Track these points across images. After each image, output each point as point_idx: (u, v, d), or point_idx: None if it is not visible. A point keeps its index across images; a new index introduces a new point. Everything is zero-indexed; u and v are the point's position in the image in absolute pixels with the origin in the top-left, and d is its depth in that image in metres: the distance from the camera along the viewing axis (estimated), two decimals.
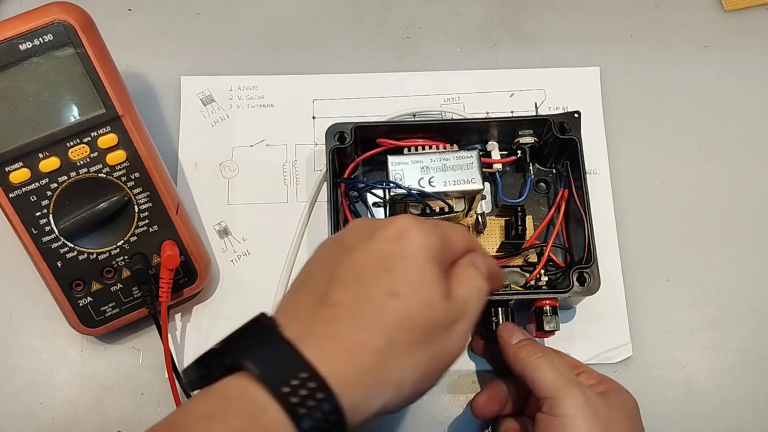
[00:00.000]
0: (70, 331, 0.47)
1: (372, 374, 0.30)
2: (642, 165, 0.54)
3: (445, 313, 0.32)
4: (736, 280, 0.51)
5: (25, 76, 0.43)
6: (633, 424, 0.39)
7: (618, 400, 0.40)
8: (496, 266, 0.38)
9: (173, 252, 0.45)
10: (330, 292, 0.32)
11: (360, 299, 0.31)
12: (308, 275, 0.34)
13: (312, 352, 0.29)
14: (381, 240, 0.33)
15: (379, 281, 0.32)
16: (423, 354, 0.32)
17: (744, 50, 0.57)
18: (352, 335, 0.30)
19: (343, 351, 0.30)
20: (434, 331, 0.32)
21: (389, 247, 0.33)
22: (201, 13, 0.58)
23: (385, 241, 0.33)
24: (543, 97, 0.55)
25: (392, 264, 0.32)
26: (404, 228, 0.33)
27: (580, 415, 0.37)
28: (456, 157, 0.46)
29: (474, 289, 0.35)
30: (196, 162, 0.53)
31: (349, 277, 0.32)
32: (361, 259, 0.33)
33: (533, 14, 0.58)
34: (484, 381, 0.48)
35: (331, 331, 0.31)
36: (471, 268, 0.35)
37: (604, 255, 0.50)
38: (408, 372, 0.31)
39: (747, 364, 0.49)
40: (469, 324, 0.34)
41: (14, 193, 0.44)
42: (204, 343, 0.49)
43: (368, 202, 0.50)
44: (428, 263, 0.32)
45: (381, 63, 0.57)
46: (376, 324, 0.31)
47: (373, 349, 0.30)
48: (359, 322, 0.31)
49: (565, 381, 0.39)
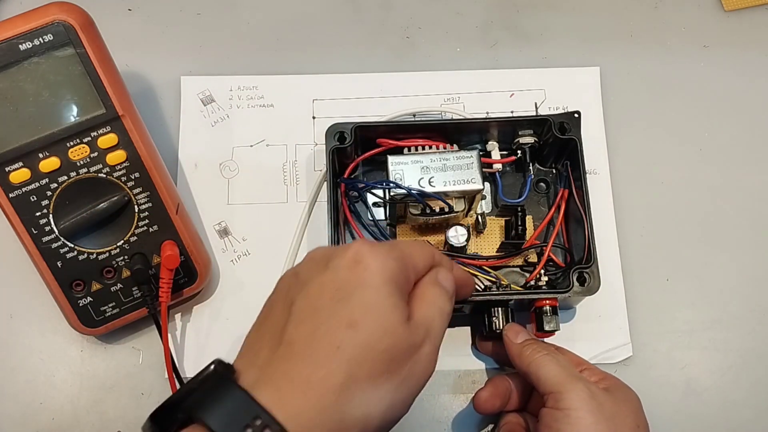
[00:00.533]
0: (70, 331, 0.47)
1: (333, 412, 0.29)
2: (642, 165, 0.54)
3: (407, 338, 0.31)
4: (736, 280, 0.51)
5: (25, 76, 0.43)
6: (637, 419, 0.39)
7: (622, 395, 0.40)
8: (464, 274, 0.38)
9: (173, 252, 0.45)
10: (286, 329, 0.31)
11: (316, 334, 0.30)
12: (268, 313, 0.34)
13: (268, 396, 0.29)
14: (336, 269, 0.32)
15: (335, 313, 0.31)
16: (388, 384, 0.30)
17: (744, 50, 0.57)
18: (309, 373, 0.29)
19: (299, 391, 0.29)
20: (397, 359, 0.31)
21: (344, 276, 0.32)
22: (201, 13, 0.58)
23: (340, 269, 0.32)
24: (543, 97, 0.55)
25: (348, 293, 0.31)
26: (359, 254, 0.32)
27: (584, 408, 0.37)
28: (456, 157, 0.46)
29: (436, 309, 0.34)
30: (196, 162, 0.53)
31: (305, 312, 0.31)
32: (315, 291, 0.32)
33: (533, 14, 0.58)
34: (484, 380, 0.48)
35: (287, 371, 0.30)
36: (432, 288, 0.34)
37: (604, 255, 0.50)
38: (373, 406, 0.30)
39: (747, 364, 0.49)
40: (433, 346, 0.33)
41: (14, 193, 0.44)
42: (204, 343, 0.49)
43: (368, 202, 0.50)
44: (386, 287, 0.31)
45: (381, 63, 0.57)
46: (333, 358, 0.29)
47: (331, 386, 0.29)
48: (315, 358, 0.30)
49: (569, 376, 0.39)
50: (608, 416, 0.38)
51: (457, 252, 0.47)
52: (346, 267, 0.32)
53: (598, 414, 0.37)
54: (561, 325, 0.47)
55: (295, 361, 0.30)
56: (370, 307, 0.31)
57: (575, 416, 0.37)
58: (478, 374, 0.49)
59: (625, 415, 0.39)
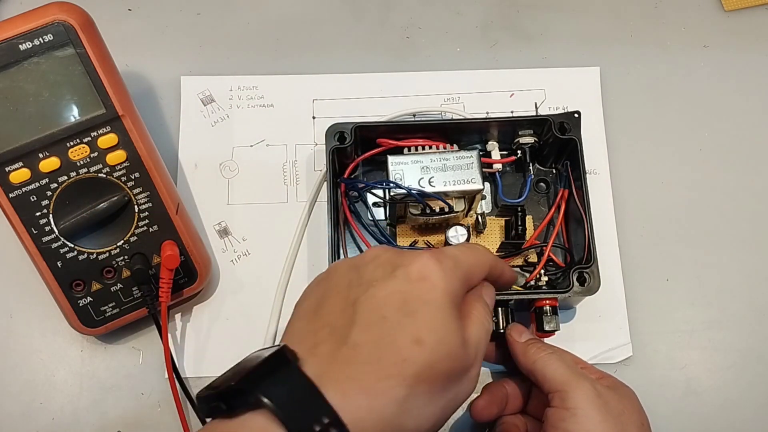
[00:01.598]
0: (70, 331, 0.47)
1: (392, 423, 0.30)
2: (642, 165, 0.54)
3: (463, 361, 0.33)
4: (736, 280, 0.51)
5: (25, 76, 0.43)
6: (641, 417, 0.40)
7: (624, 393, 0.40)
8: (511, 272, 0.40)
9: (173, 252, 0.45)
10: (351, 330, 0.31)
11: (382, 343, 0.31)
12: (322, 302, 0.34)
13: (333, 395, 0.29)
14: (403, 279, 0.33)
15: (403, 326, 0.31)
16: (441, 402, 0.32)
17: (744, 50, 0.57)
18: (374, 381, 0.30)
19: (364, 397, 0.29)
20: (452, 380, 0.32)
21: (411, 289, 0.32)
22: (201, 13, 0.58)
23: (408, 281, 0.33)
24: (543, 97, 0.55)
25: (415, 308, 0.32)
26: (427, 270, 0.33)
27: (591, 406, 0.37)
28: (456, 157, 0.46)
29: (483, 330, 0.35)
30: (196, 162, 0.53)
31: (371, 318, 0.32)
32: (382, 298, 0.32)
33: (533, 14, 0.58)
34: (484, 381, 0.48)
35: (351, 374, 0.30)
36: (482, 308, 0.35)
37: (604, 255, 0.50)
38: (424, 420, 0.31)
39: (747, 363, 0.49)
40: (479, 368, 0.34)
41: (14, 193, 0.43)
42: (204, 343, 0.49)
43: (368, 202, 0.50)
44: (449, 309, 0.32)
45: (381, 63, 0.57)
46: (399, 371, 0.30)
47: (395, 397, 0.30)
48: (381, 367, 0.30)
49: (575, 375, 0.39)
50: (615, 414, 0.38)
51: None
52: (413, 279, 0.33)
53: (605, 412, 0.37)
54: (561, 325, 0.47)
55: (362, 366, 0.30)
56: (435, 327, 0.32)
57: (582, 415, 0.37)
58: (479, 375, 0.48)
59: (630, 413, 0.39)
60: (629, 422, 0.38)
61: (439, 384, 0.31)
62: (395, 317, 0.31)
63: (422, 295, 0.32)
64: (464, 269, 0.35)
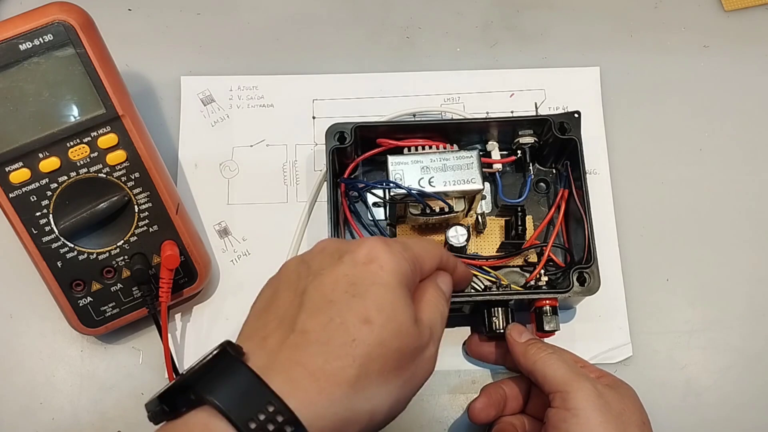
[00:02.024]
0: (70, 331, 0.47)
1: (344, 405, 0.29)
2: (642, 165, 0.54)
3: (416, 339, 0.32)
4: (736, 280, 0.51)
5: (25, 76, 0.43)
6: (642, 416, 0.40)
7: (625, 392, 0.40)
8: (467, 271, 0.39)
9: (173, 252, 0.45)
10: (298, 318, 0.31)
11: (330, 326, 0.30)
12: (273, 297, 0.34)
13: (280, 383, 0.29)
14: (350, 263, 0.32)
15: (350, 307, 0.31)
16: (395, 381, 0.31)
17: (744, 50, 0.57)
18: (322, 364, 0.29)
19: (313, 381, 0.29)
20: (406, 358, 0.32)
21: (359, 272, 0.32)
22: (201, 13, 0.58)
23: (355, 264, 0.32)
24: (543, 97, 0.55)
25: (363, 289, 0.31)
26: (374, 252, 0.33)
27: (592, 407, 0.37)
28: (456, 157, 0.46)
29: (438, 313, 0.35)
30: (196, 162, 0.53)
31: (319, 303, 0.31)
32: (329, 283, 0.32)
33: (533, 14, 0.58)
34: (484, 380, 0.48)
35: (299, 360, 0.30)
36: (435, 291, 0.35)
37: (604, 255, 0.50)
38: (380, 400, 0.31)
39: (747, 364, 0.49)
40: (436, 348, 0.34)
41: (14, 193, 0.43)
42: (204, 343, 0.49)
43: (368, 202, 0.50)
44: (399, 288, 0.32)
45: (381, 63, 0.57)
46: (348, 352, 0.30)
47: (345, 378, 0.29)
48: (330, 350, 0.30)
49: (576, 375, 0.39)
50: (616, 414, 0.38)
51: (457, 252, 0.47)
52: (361, 263, 0.32)
53: (606, 412, 0.37)
54: (561, 325, 0.47)
55: (309, 350, 0.30)
56: (384, 305, 0.31)
57: (583, 415, 0.37)
58: (479, 374, 0.49)
59: (631, 412, 0.39)
60: (630, 421, 0.38)
61: (391, 363, 0.31)
62: (343, 299, 0.31)
63: (369, 276, 0.32)
64: (413, 253, 0.34)
